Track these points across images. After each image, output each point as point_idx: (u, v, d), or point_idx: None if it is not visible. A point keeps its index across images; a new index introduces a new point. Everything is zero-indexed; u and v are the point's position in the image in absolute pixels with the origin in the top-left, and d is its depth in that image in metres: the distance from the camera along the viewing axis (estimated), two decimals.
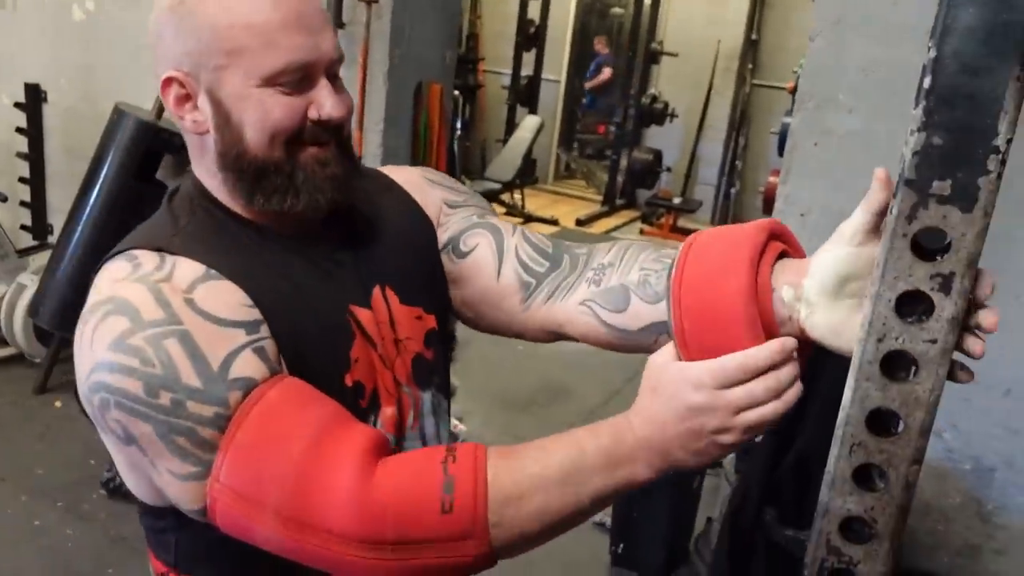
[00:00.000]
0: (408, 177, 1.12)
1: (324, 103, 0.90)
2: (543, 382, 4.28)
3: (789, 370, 0.76)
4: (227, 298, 0.87)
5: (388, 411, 0.98)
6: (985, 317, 0.71)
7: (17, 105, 3.85)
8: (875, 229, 0.75)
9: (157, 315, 0.82)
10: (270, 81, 0.87)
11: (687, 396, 0.77)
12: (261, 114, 0.89)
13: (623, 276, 0.94)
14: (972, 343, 0.72)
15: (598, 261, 0.97)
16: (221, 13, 0.86)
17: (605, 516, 2.99)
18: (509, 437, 3.68)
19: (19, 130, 3.88)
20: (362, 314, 0.97)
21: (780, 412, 0.77)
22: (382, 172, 1.13)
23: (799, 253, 0.87)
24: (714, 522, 2.71)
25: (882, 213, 0.73)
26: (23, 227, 4.02)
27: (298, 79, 0.88)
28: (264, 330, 0.87)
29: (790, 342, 0.77)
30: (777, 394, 0.76)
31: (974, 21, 0.62)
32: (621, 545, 2.86)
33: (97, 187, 3.32)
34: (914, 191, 0.67)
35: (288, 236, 0.97)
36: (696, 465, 0.80)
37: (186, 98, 0.91)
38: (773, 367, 0.76)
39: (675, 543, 2.82)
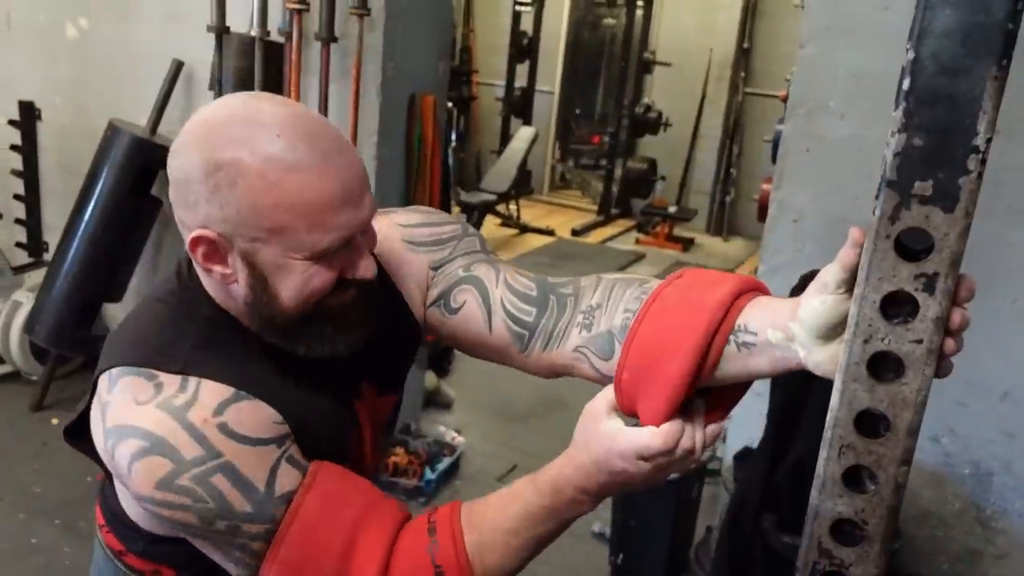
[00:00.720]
0: (391, 248, 1.07)
1: (359, 267, 0.92)
2: (540, 394, 4.28)
3: (700, 436, 0.89)
4: (257, 417, 0.89)
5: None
6: (951, 316, 0.70)
7: (11, 123, 3.86)
8: (852, 282, 0.73)
9: (197, 452, 0.84)
10: (314, 258, 0.87)
11: (614, 463, 0.88)
12: (301, 283, 0.89)
13: (610, 320, 0.96)
14: (945, 343, 0.71)
15: (587, 303, 0.98)
16: (264, 191, 0.83)
17: (605, 526, 2.98)
18: (507, 448, 3.67)
19: (13, 147, 3.89)
20: (361, 408, 1.05)
21: (695, 461, 0.90)
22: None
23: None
24: (713, 530, 2.71)
25: (854, 270, 0.72)
26: (18, 244, 4.02)
27: (339, 249, 0.89)
28: (291, 437, 0.91)
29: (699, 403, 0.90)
30: (692, 453, 0.88)
31: (951, 23, 0.63)
32: (621, 555, 2.85)
33: (92, 204, 3.32)
34: (896, 192, 0.67)
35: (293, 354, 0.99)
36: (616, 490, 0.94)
37: (216, 254, 0.89)
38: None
39: (675, 552, 2.81)
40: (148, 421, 0.85)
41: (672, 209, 7.66)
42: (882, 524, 0.73)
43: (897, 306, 0.70)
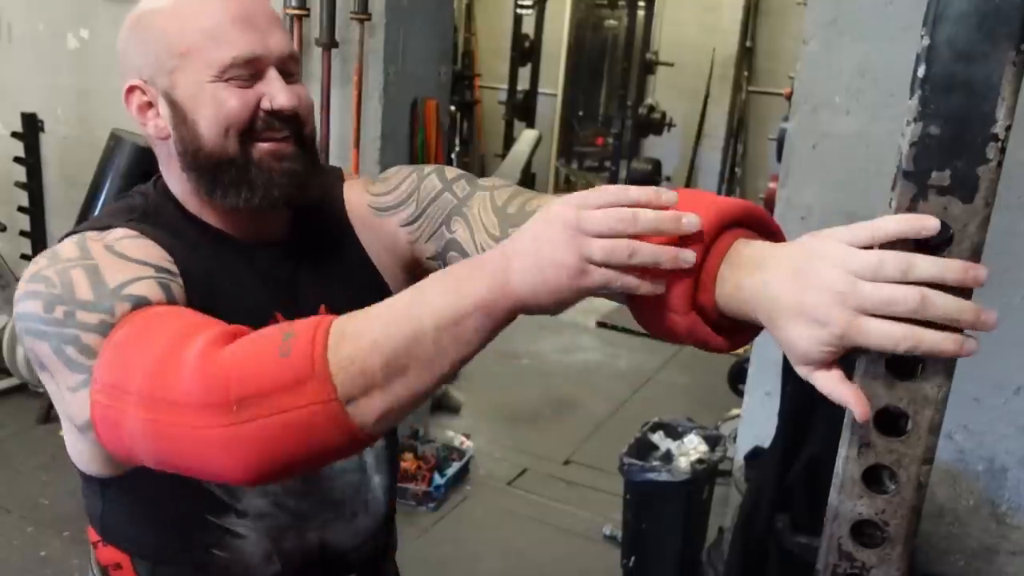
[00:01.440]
0: (361, 213, 1.09)
1: (276, 94, 0.94)
2: (549, 396, 4.26)
3: (651, 214, 0.71)
4: (147, 249, 0.91)
5: None
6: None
7: (14, 135, 3.86)
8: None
9: (72, 254, 0.87)
10: (220, 75, 0.92)
11: (548, 210, 0.73)
12: (214, 108, 0.93)
13: None
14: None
15: None
16: (172, 20, 0.93)
17: (616, 529, 2.96)
18: (516, 452, 3.66)
19: (17, 159, 3.89)
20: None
21: (624, 253, 0.70)
22: (341, 205, 1.10)
23: (769, 227, 0.80)
24: (725, 532, 2.68)
25: None
26: (23, 256, 4.01)
27: (248, 74, 0.93)
28: (176, 278, 0.90)
29: (669, 195, 0.73)
30: (629, 227, 0.70)
31: (967, 6, 0.61)
32: (632, 558, 2.83)
33: (96, 214, 3.31)
34: (913, 183, 0.65)
35: (244, 242, 1.01)
36: (532, 292, 0.72)
37: (148, 105, 0.97)
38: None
39: (687, 554, 2.78)
40: (54, 247, 0.91)
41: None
42: (904, 525, 0.71)
43: None
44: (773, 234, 0.79)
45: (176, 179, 1.00)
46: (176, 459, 0.78)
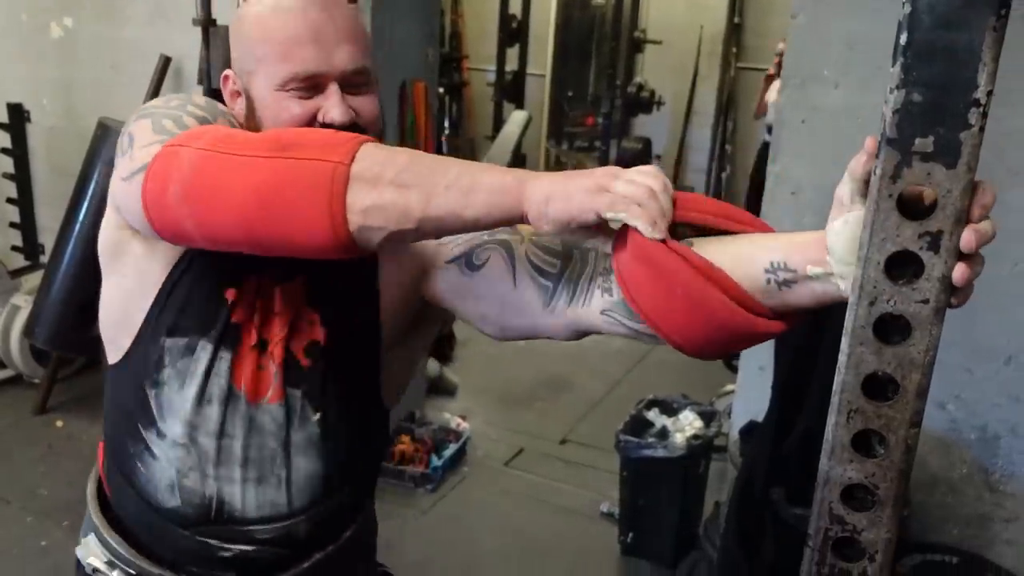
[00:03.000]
0: None
1: (330, 109, 1.01)
2: (544, 376, 4.28)
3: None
4: None
5: (247, 359, 1.06)
6: (963, 235, 0.68)
7: (0, 126, 3.84)
8: (865, 193, 0.74)
9: (199, 99, 1.04)
10: (283, 87, 1.01)
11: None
12: (275, 113, 1.03)
13: None
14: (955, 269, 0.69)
15: (603, 266, 0.99)
16: (256, 27, 1.03)
17: (613, 506, 2.98)
18: (513, 433, 3.67)
19: (3, 151, 3.87)
20: (268, 272, 1.07)
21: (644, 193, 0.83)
22: None
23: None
24: (722, 506, 2.71)
25: (867, 179, 0.73)
26: (14, 248, 4.00)
27: (308, 87, 1.01)
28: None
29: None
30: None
31: None
32: (630, 534, 2.85)
33: (86, 204, 3.30)
34: (896, 150, 0.66)
35: None
36: (561, 195, 0.83)
37: (236, 94, 1.09)
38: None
39: (683, 530, 2.81)
40: None
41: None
42: (893, 487, 0.72)
43: (902, 266, 0.68)
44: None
45: None
46: (201, 187, 0.87)
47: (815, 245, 0.80)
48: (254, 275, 1.05)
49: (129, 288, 1.07)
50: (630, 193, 0.82)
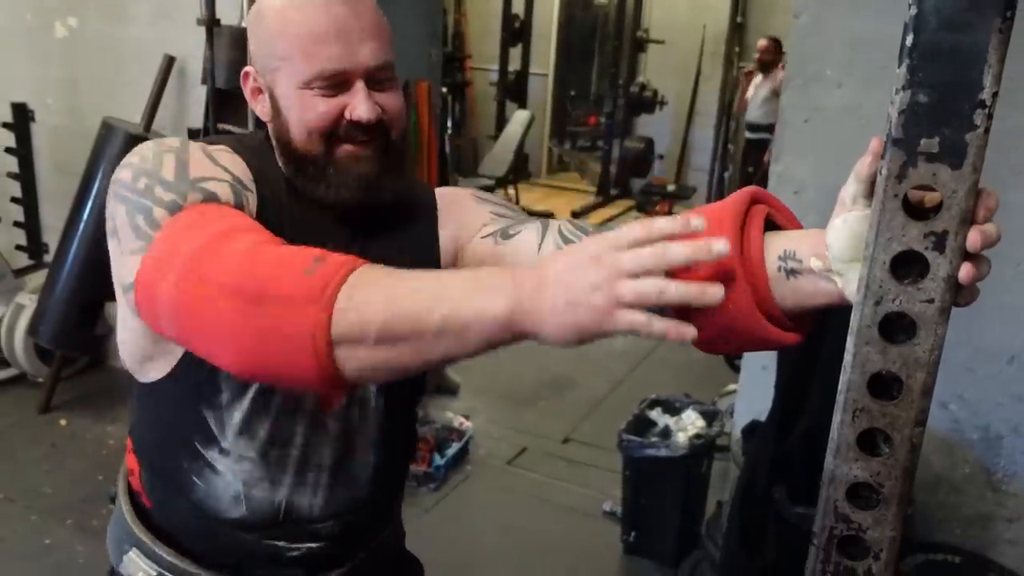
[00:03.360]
0: (458, 194, 1.18)
1: (357, 106, 1.00)
2: (547, 376, 4.28)
3: (680, 248, 0.70)
4: (237, 164, 1.01)
5: None
6: (969, 235, 0.68)
7: (5, 125, 3.85)
8: (869, 194, 0.75)
9: (173, 144, 0.99)
10: (307, 85, 1.00)
11: (581, 248, 0.73)
12: (300, 112, 1.01)
13: None
14: (962, 268, 0.69)
15: None
16: (278, 22, 1.01)
17: (616, 505, 2.99)
18: (515, 432, 3.68)
19: (8, 150, 3.88)
20: None
21: (654, 293, 0.69)
22: (431, 193, 1.18)
23: (784, 213, 0.88)
24: (724, 505, 2.71)
25: (871, 180, 0.73)
26: (18, 247, 4.01)
27: (333, 84, 1.00)
28: (252, 195, 1.00)
29: (696, 221, 0.72)
30: (661, 263, 0.69)
31: None
32: (632, 533, 2.86)
33: (89, 203, 3.31)
34: (902, 150, 0.66)
35: (319, 203, 1.06)
36: (555, 326, 0.71)
37: (258, 91, 1.06)
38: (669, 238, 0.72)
39: (686, 529, 2.81)
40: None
41: (671, 187, 7.64)
42: (898, 486, 0.73)
43: (907, 266, 0.69)
44: (779, 209, 0.87)
45: (277, 147, 1.09)
46: (190, 334, 0.86)
47: (820, 240, 0.80)
48: None
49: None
50: (644, 300, 0.69)
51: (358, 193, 1.03)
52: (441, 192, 1.19)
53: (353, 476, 1.13)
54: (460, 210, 1.15)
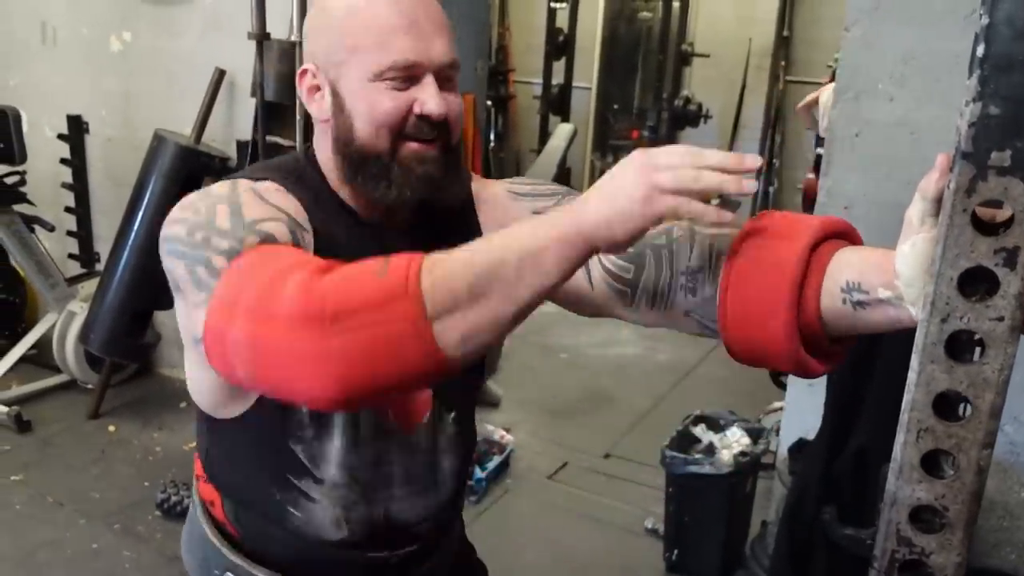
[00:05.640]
0: (494, 192, 1.17)
1: (428, 101, 0.99)
2: (588, 390, 4.26)
3: (713, 175, 0.81)
4: (288, 201, 0.99)
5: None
6: None
7: (60, 137, 3.94)
8: (937, 213, 0.73)
9: (223, 191, 0.96)
10: (379, 77, 0.98)
11: (629, 156, 0.84)
12: (369, 106, 0.99)
13: (714, 282, 0.95)
14: None
15: (685, 264, 0.98)
16: (347, 15, 1.00)
17: (658, 522, 2.95)
18: (556, 445, 3.66)
19: (63, 161, 3.97)
20: None
21: (689, 178, 0.80)
22: (468, 188, 1.17)
23: (856, 239, 0.87)
24: (769, 525, 2.66)
25: (939, 199, 0.72)
26: (71, 256, 4.10)
27: (405, 77, 0.99)
28: (307, 233, 0.97)
29: (750, 159, 0.83)
30: (694, 187, 0.80)
31: None
32: (675, 551, 2.82)
33: (140, 213, 3.38)
34: (972, 164, 0.64)
35: (369, 222, 1.06)
36: (606, 223, 0.81)
37: (315, 88, 1.04)
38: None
39: (730, 547, 2.77)
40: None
41: (715, 201, 7.55)
42: (965, 510, 0.70)
43: (975, 283, 0.67)
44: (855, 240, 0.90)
45: (325, 156, 1.07)
46: (269, 374, 0.83)
47: (888, 267, 0.79)
48: None
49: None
50: (679, 185, 0.79)
51: (421, 192, 1.02)
52: (476, 188, 1.17)
53: (441, 481, 1.16)
54: (502, 212, 1.14)
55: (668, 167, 0.80)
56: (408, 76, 0.99)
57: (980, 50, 0.63)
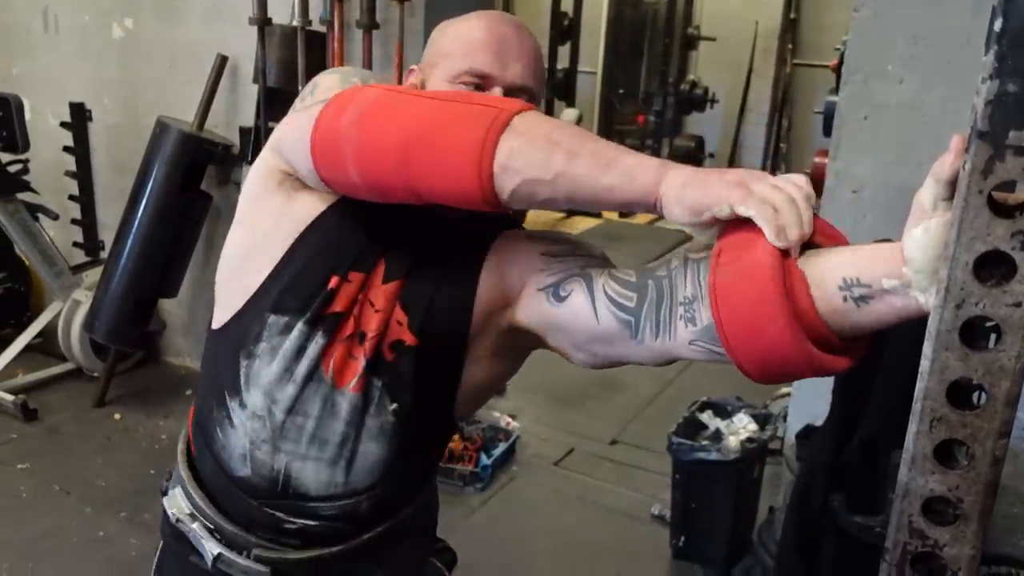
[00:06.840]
0: (509, 235, 1.18)
1: None
2: (594, 376, 4.24)
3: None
4: None
5: (339, 346, 1.09)
6: None
7: (63, 124, 3.92)
8: (951, 197, 0.71)
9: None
10: (455, 79, 1.10)
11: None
12: None
13: (708, 310, 0.92)
14: None
15: (682, 294, 0.97)
16: (451, 30, 1.15)
17: (665, 509, 2.94)
18: (563, 432, 3.65)
19: (66, 149, 3.95)
20: (377, 271, 1.11)
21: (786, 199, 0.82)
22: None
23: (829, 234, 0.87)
24: (776, 511, 2.65)
25: (953, 182, 0.69)
26: (75, 244, 4.09)
27: (476, 84, 1.09)
28: None
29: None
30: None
31: None
32: (682, 538, 2.81)
33: (144, 201, 3.36)
34: (989, 143, 0.62)
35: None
36: (697, 185, 0.83)
37: (412, 86, 1.15)
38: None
39: (737, 534, 2.76)
40: None
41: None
42: (979, 501, 0.69)
43: (991, 267, 0.65)
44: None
45: None
46: (382, 110, 0.96)
47: (889, 257, 0.76)
48: (362, 271, 1.09)
49: (254, 244, 1.12)
50: (769, 196, 0.81)
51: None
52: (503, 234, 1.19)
53: (356, 464, 1.14)
54: (510, 252, 1.14)
55: (772, 184, 0.83)
56: (479, 85, 1.09)
57: (997, 25, 0.60)
